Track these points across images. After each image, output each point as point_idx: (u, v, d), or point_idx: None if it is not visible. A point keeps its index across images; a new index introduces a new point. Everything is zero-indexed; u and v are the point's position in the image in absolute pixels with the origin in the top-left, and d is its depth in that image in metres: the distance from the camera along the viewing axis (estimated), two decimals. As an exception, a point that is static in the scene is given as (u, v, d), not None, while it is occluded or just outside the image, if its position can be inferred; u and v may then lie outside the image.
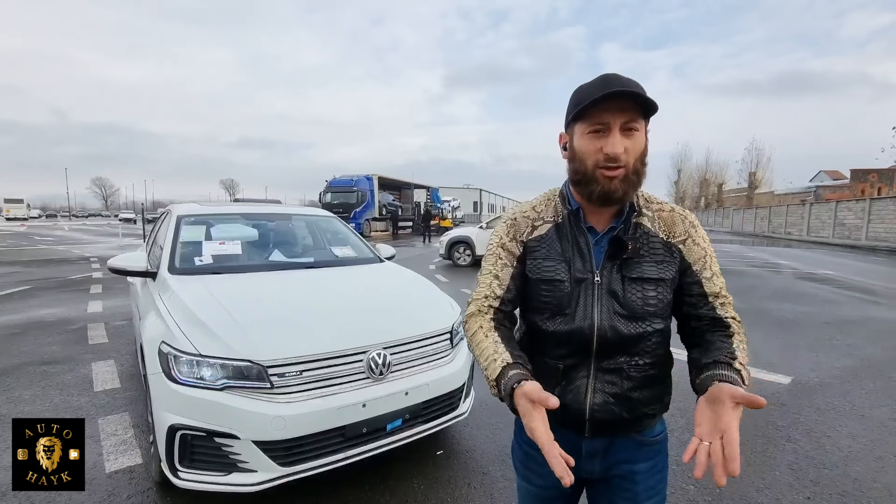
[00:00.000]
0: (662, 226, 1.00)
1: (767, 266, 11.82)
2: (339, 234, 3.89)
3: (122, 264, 2.84)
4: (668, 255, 0.98)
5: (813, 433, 2.82)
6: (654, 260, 0.97)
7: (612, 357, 0.98)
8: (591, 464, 1.05)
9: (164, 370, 1.92)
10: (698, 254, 0.99)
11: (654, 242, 0.98)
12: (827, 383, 3.63)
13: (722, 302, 0.99)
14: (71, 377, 3.62)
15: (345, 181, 24.13)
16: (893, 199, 19.92)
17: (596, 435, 1.02)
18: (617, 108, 0.89)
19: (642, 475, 1.04)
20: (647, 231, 0.99)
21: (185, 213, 3.36)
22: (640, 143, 0.92)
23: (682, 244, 0.99)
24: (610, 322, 0.96)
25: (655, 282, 0.96)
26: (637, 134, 0.91)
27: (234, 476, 1.83)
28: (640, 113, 0.91)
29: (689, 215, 1.03)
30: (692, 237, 1.00)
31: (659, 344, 1.00)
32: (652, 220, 1.00)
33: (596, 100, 0.87)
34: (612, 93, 0.86)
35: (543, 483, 1.09)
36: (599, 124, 0.90)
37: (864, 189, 37.26)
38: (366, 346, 2.08)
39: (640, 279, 0.96)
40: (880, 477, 2.36)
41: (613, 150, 0.89)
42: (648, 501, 1.05)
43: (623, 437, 1.03)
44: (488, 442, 2.69)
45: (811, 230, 25.64)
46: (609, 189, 0.92)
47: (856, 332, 5.19)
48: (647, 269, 0.96)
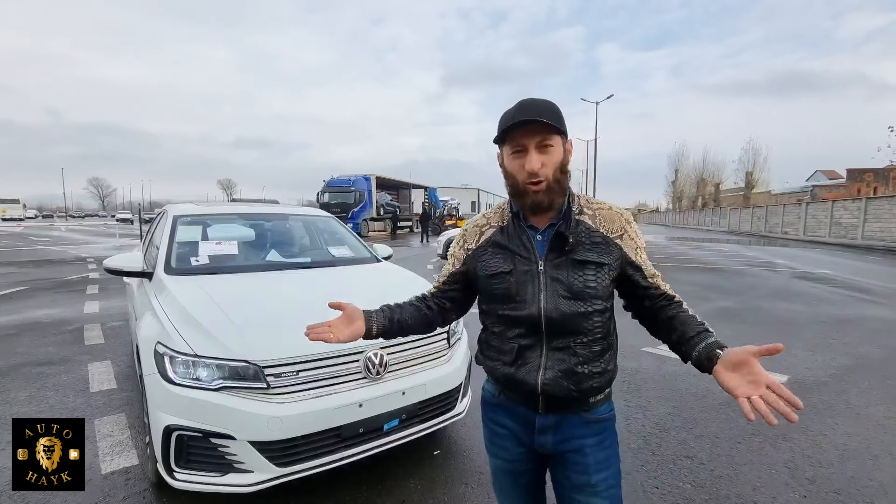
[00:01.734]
0: (602, 222, 1.13)
1: (764, 265, 11.86)
2: (337, 234, 3.88)
3: (119, 265, 2.83)
4: (605, 246, 1.11)
5: (809, 432, 2.83)
6: (595, 249, 1.10)
7: (560, 337, 1.11)
8: (543, 438, 1.17)
9: (160, 371, 1.91)
10: (631, 245, 1.13)
11: (595, 235, 1.12)
12: (823, 382, 3.65)
13: (658, 282, 1.15)
14: (67, 378, 3.60)
15: (342, 181, 24.09)
16: (889, 199, 20.00)
17: (548, 412, 1.14)
18: (529, 132, 1.05)
19: (591, 448, 1.14)
20: (588, 227, 1.12)
21: (181, 214, 3.35)
22: (556, 156, 1.08)
23: (619, 239, 1.13)
24: (554, 304, 1.09)
25: (596, 265, 1.09)
26: (552, 149, 1.07)
27: (230, 476, 1.82)
28: (554, 131, 1.06)
29: (626, 213, 1.17)
30: (627, 232, 1.14)
31: (601, 323, 1.12)
32: (592, 218, 1.14)
33: (509, 127, 1.06)
34: (521, 121, 1.04)
35: (509, 457, 1.23)
36: (519, 146, 1.08)
37: (861, 188, 37.41)
38: (362, 345, 2.08)
39: (581, 262, 1.09)
40: (876, 475, 2.37)
41: (531, 167, 1.06)
42: (600, 474, 1.14)
43: (572, 415, 1.14)
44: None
45: (808, 230, 25.73)
46: (536, 200, 1.09)
47: (852, 331, 5.21)
48: (588, 255, 1.10)
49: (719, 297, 7.29)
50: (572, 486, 1.16)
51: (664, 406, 3.18)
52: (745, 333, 5.02)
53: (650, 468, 2.42)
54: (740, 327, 5.36)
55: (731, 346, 1.02)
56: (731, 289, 8.06)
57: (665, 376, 3.73)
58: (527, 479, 1.26)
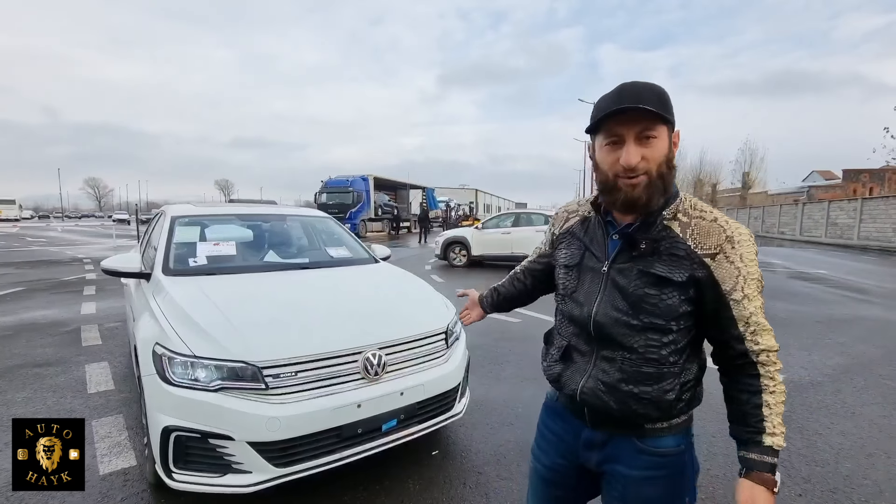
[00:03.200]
0: (695, 234, 0.95)
1: (761, 265, 11.84)
2: (335, 235, 3.88)
3: (116, 265, 2.82)
4: (686, 261, 0.94)
5: (805, 431, 2.85)
6: (670, 262, 0.94)
7: (611, 347, 1.00)
8: (588, 454, 1.08)
9: (159, 371, 1.91)
10: (729, 271, 0.93)
11: (678, 247, 0.95)
12: (819, 382, 3.67)
13: (753, 330, 0.93)
14: (64, 379, 3.59)
15: (340, 181, 24.05)
16: (884, 199, 20.12)
17: (597, 427, 1.05)
18: (629, 120, 0.91)
19: (633, 482, 1.01)
20: (673, 235, 0.96)
21: (179, 214, 3.34)
22: (660, 149, 0.93)
23: (710, 258, 0.93)
24: (606, 311, 0.99)
25: (660, 279, 0.94)
26: (655, 141, 0.92)
27: (228, 477, 1.82)
28: (659, 119, 0.91)
29: (732, 230, 0.95)
30: (725, 252, 0.93)
31: (659, 346, 0.96)
32: (684, 226, 0.96)
33: (606, 115, 0.91)
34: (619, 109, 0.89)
35: (548, 462, 1.16)
36: (615, 136, 0.94)
37: (856, 189, 37.61)
38: (361, 346, 2.08)
39: (646, 273, 0.95)
40: (870, 474, 2.39)
41: (627, 162, 0.92)
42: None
43: (621, 437, 1.03)
44: (484, 442, 2.70)
45: (804, 230, 25.84)
46: (632, 196, 0.94)
47: (847, 331, 5.24)
48: (657, 268, 0.95)
49: (716, 297, 7.32)
50: None
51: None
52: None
53: (647, 468, 2.43)
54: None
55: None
56: (728, 289, 8.09)
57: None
58: (560, 492, 1.17)
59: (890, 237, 18.90)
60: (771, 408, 0.93)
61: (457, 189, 52.93)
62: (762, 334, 0.93)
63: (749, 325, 0.93)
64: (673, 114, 0.93)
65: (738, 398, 0.97)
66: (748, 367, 0.95)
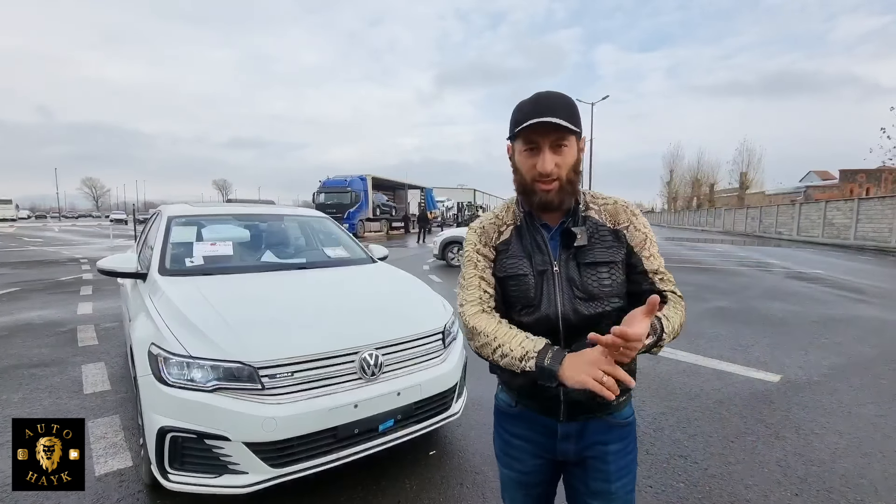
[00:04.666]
0: (608, 216, 1.11)
1: (758, 266, 11.94)
2: (332, 235, 3.88)
3: (113, 265, 2.82)
4: (615, 240, 1.09)
5: (801, 430, 2.85)
6: (605, 245, 1.08)
7: (578, 339, 1.04)
8: (566, 446, 1.13)
9: (154, 372, 1.90)
10: (639, 238, 1.10)
11: (603, 231, 1.09)
12: (815, 381, 3.68)
13: (661, 277, 1.10)
14: (60, 380, 3.58)
15: (338, 181, 24.04)
16: (881, 199, 20.19)
17: (571, 419, 1.11)
18: (545, 130, 1.01)
19: (614, 455, 1.12)
20: (595, 222, 1.10)
21: (175, 214, 3.34)
22: (571, 156, 1.04)
23: (625, 230, 1.10)
24: (571, 306, 1.06)
25: (608, 264, 1.07)
26: (566, 149, 1.03)
27: (225, 478, 1.82)
28: (570, 131, 1.01)
29: (630, 205, 1.14)
30: (633, 223, 1.11)
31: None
32: (599, 213, 1.11)
33: (524, 126, 1.01)
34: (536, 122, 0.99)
35: (523, 468, 1.19)
36: (532, 143, 1.04)
37: (853, 189, 37.75)
38: (358, 346, 2.08)
39: (594, 263, 1.06)
40: (867, 473, 2.40)
41: (543, 168, 1.02)
42: (620, 481, 1.12)
43: (595, 420, 1.11)
44: (481, 442, 2.70)
45: (801, 230, 25.93)
46: (546, 199, 1.05)
47: (844, 331, 5.26)
48: (598, 254, 1.07)
49: (714, 297, 7.34)
50: (590, 493, 1.13)
51: (658, 405, 3.20)
52: (740, 333, 5.06)
53: (644, 467, 2.44)
54: (735, 327, 5.40)
55: (727, 347, 1.00)
56: (726, 289, 8.11)
57: (659, 376, 3.75)
58: (539, 490, 1.22)
59: (886, 237, 18.98)
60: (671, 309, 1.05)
61: (455, 189, 52.93)
62: (667, 283, 1.10)
63: (657, 274, 1.10)
64: (580, 124, 1.05)
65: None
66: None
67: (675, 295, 1.10)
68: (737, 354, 4.29)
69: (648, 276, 1.09)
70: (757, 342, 4.73)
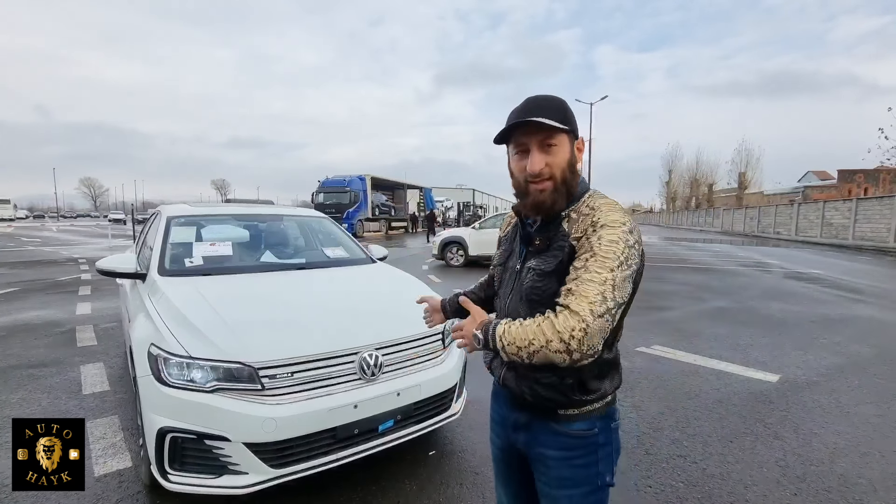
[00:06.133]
0: (578, 226, 1.02)
1: (757, 266, 11.96)
2: (331, 235, 3.88)
3: (111, 266, 2.81)
4: (569, 252, 1.00)
5: (800, 430, 2.86)
6: (553, 255, 1.04)
7: None
8: (516, 435, 1.18)
9: (154, 372, 1.90)
10: (584, 249, 0.97)
11: (563, 240, 1.03)
12: (814, 381, 3.69)
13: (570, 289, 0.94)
14: (59, 380, 3.57)
15: (337, 181, 24.03)
16: (879, 200, 20.23)
17: (518, 409, 1.16)
18: (531, 130, 1.02)
19: (554, 462, 1.09)
20: (564, 231, 1.04)
21: (175, 214, 3.33)
22: (562, 155, 1.04)
23: (576, 241, 1.00)
24: (514, 304, 1.12)
25: (542, 273, 1.05)
26: (556, 149, 1.03)
27: (224, 478, 1.82)
28: (557, 130, 1.01)
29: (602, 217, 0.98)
30: (587, 235, 0.98)
31: None
32: (572, 222, 1.03)
33: (508, 128, 1.03)
34: (518, 122, 1.01)
35: (500, 444, 1.27)
36: (520, 145, 1.05)
37: (851, 189, 37.82)
38: (357, 346, 2.08)
39: (532, 269, 1.08)
40: (865, 473, 2.40)
41: (532, 169, 1.03)
42: (563, 490, 1.09)
43: (539, 420, 1.12)
44: (480, 442, 2.70)
45: (799, 230, 25.97)
46: (539, 200, 1.05)
47: (842, 331, 5.27)
48: (545, 261, 1.05)
49: (713, 297, 7.35)
50: (540, 492, 1.15)
51: (657, 405, 3.21)
52: (739, 333, 5.07)
53: (643, 467, 2.44)
54: (734, 327, 5.41)
55: (726, 347, 1.01)
56: (725, 289, 8.13)
57: (658, 376, 3.76)
58: (512, 472, 1.26)
59: (885, 237, 19.02)
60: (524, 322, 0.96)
61: (454, 189, 52.92)
62: (575, 297, 0.92)
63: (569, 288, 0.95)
64: (574, 123, 1.04)
65: None
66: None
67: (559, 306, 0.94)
68: (736, 354, 4.30)
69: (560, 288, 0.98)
70: (756, 342, 4.74)
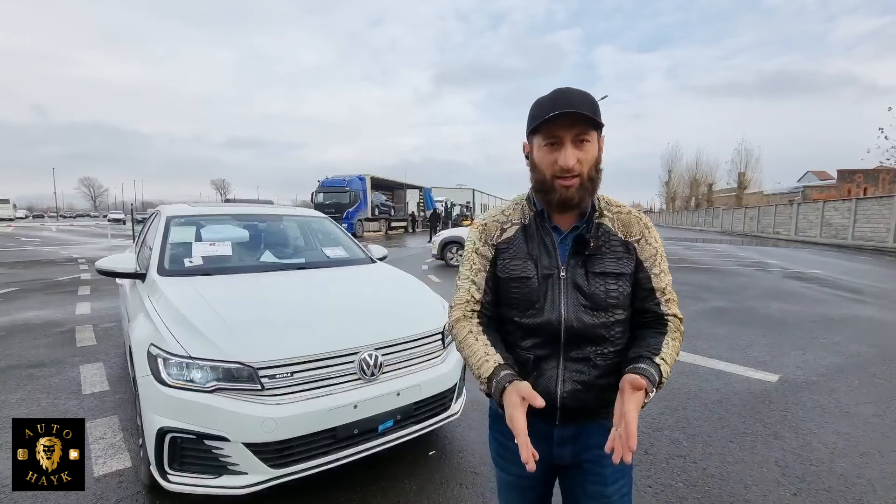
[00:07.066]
0: (621, 226, 1.08)
1: (757, 266, 11.97)
2: (331, 235, 3.88)
3: (111, 266, 2.81)
4: (626, 252, 1.06)
5: (800, 430, 2.86)
6: (615, 256, 1.05)
7: (579, 347, 1.05)
8: (562, 450, 1.12)
9: (154, 372, 1.90)
10: (649, 252, 1.08)
11: (614, 241, 1.07)
12: (813, 381, 3.69)
13: (667, 298, 1.07)
14: (59, 380, 3.57)
15: (337, 181, 24.01)
16: (878, 200, 20.25)
17: (566, 423, 1.09)
18: (568, 123, 0.97)
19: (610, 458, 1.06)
20: (607, 230, 1.07)
21: (174, 214, 3.33)
22: (593, 153, 1.01)
23: (636, 243, 1.08)
24: (576, 314, 1.03)
25: (616, 276, 1.05)
26: (588, 145, 1.00)
27: (224, 479, 1.82)
28: (591, 125, 0.99)
29: (644, 217, 1.12)
30: (645, 237, 1.08)
31: (622, 333, 1.07)
32: (612, 221, 1.08)
33: (546, 119, 0.97)
34: (560, 113, 0.95)
35: (518, 472, 1.16)
36: (553, 138, 1.00)
37: (851, 189, 37.84)
38: (357, 346, 2.08)
39: (603, 273, 1.04)
40: (864, 472, 2.41)
41: (566, 163, 0.98)
42: (616, 484, 1.11)
43: (592, 423, 1.09)
44: (480, 442, 2.70)
45: (799, 230, 25.99)
46: (566, 197, 1.02)
47: (842, 331, 5.27)
48: (608, 265, 1.05)
49: (713, 297, 7.35)
50: (586, 496, 1.12)
51: (657, 405, 3.21)
52: (738, 333, 5.07)
53: (643, 467, 2.44)
54: (733, 327, 5.41)
55: (726, 347, 1.01)
56: (724, 289, 8.13)
57: (658, 376, 3.76)
58: (535, 493, 1.21)
59: (884, 237, 19.03)
60: (669, 346, 1.02)
61: (454, 189, 52.92)
62: (671, 304, 1.07)
63: (664, 294, 1.07)
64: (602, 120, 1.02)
65: (643, 338, 1.05)
66: (658, 324, 1.07)
67: (677, 319, 1.07)
68: (735, 354, 4.30)
69: (655, 295, 1.07)
70: (755, 342, 4.74)
